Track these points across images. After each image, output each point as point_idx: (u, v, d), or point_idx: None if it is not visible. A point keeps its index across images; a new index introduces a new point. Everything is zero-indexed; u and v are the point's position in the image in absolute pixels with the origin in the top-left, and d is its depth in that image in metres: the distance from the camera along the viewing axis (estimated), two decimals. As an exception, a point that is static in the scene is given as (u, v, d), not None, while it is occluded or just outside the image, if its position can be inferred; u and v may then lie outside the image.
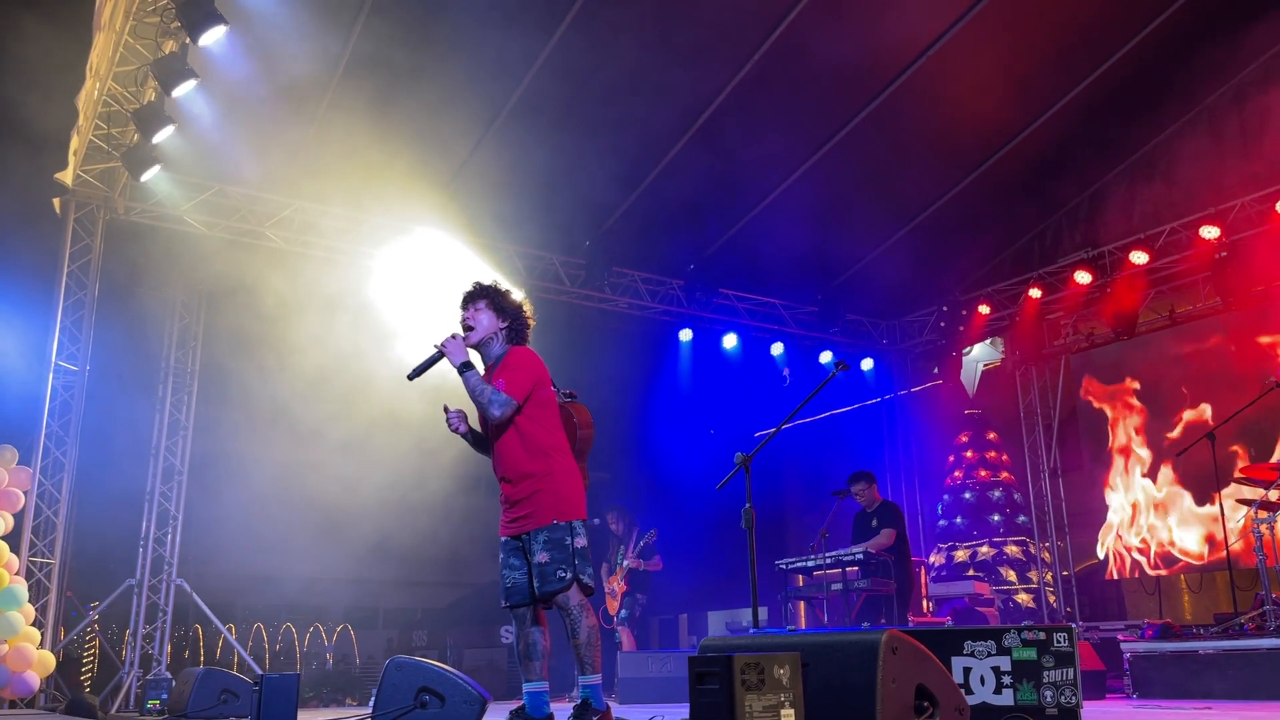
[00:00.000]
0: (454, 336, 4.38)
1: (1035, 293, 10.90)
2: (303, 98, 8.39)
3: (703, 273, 11.00)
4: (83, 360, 8.43)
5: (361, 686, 9.67)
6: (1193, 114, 9.99)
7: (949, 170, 10.41)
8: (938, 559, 11.58)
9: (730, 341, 11.73)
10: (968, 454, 11.91)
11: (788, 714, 2.90)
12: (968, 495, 11.65)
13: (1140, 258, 10.02)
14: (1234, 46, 9.07)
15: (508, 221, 9.78)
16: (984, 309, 11.39)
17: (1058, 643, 3.79)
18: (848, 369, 5.05)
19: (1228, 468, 8.57)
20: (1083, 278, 10.44)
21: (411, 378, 4.45)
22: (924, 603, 10.04)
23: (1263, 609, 6.80)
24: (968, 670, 3.89)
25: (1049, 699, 3.75)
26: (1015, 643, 3.84)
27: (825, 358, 12.21)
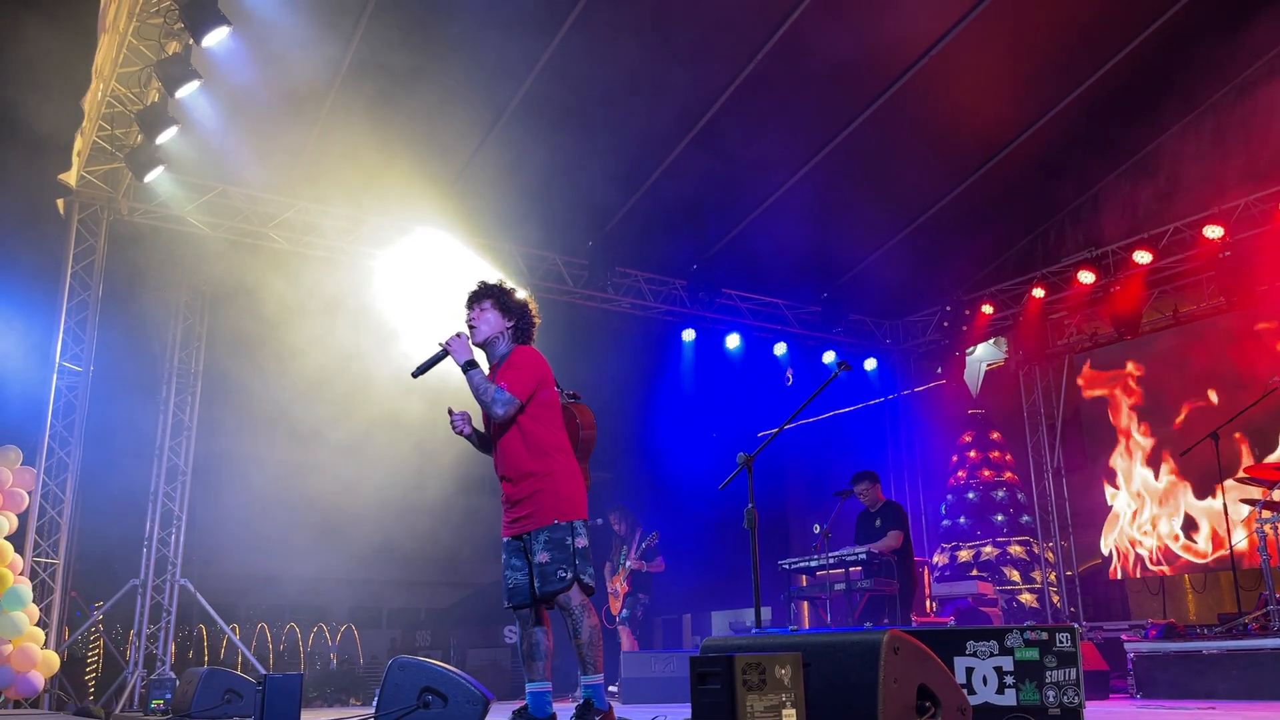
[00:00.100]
0: (459, 335, 4.39)
1: (1038, 292, 10.89)
2: (305, 99, 8.41)
3: (706, 273, 10.99)
4: (87, 361, 8.45)
5: (365, 686, 9.68)
6: (1195, 113, 9.97)
7: (951, 170, 10.41)
8: (941, 559, 11.56)
9: (733, 341, 11.73)
10: (971, 454, 11.89)
11: (789, 714, 2.90)
12: (971, 495, 11.64)
13: (1144, 257, 10.01)
14: (1236, 45, 9.05)
15: (510, 222, 9.79)
16: (987, 309, 11.39)
17: (1060, 643, 3.78)
18: (850, 369, 5.04)
19: (1230, 465, 8.57)
20: (1086, 277, 10.44)
21: (415, 375, 4.46)
22: (927, 603, 10.03)
23: (1267, 609, 6.79)
24: (970, 670, 3.89)
25: (1051, 699, 3.75)
26: (1018, 643, 3.84)
27: (828, 358, 12.21)
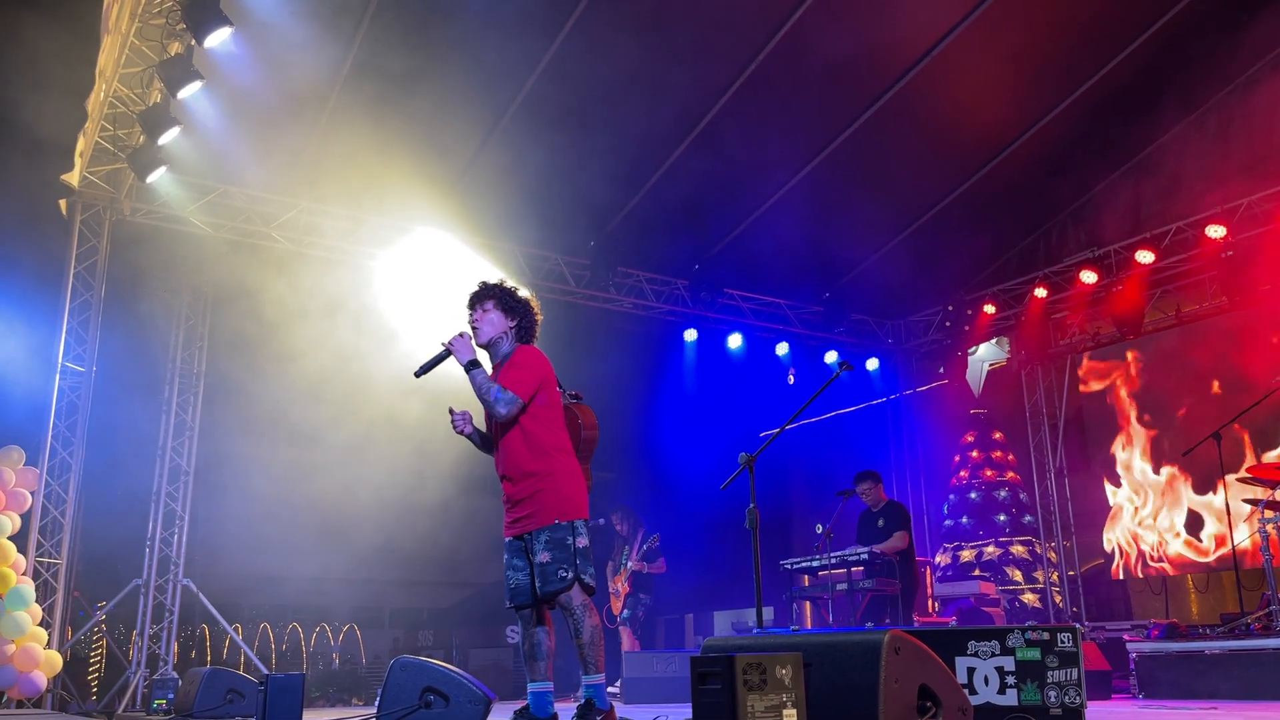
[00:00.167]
0: (461, 335, 4.39)
1: (1040, 292, 10.88)
2: (307, 100, 8.41)
3: (707, 273, 10.99)
4: (89, 361, 8.45)
5: (367, 686, 9.68)
6: (1197, 113, 9.94)
7: (953, 170, 10.40)
8: (943, 559, 11.56)
9: (735, 341, 11.73)
10: (973, 454, 11.89)
11: (790, 714, 2.90)
12: (973, 495, 11.63)
13: (1146, 257, 10.01)
14: (1236, 45, 9.04)
15: (512, 222, 9.80)
16: (989, 308, 11.38)
17: (1061, 643, 3.78)
18: (852, 369, 5.03)
19: (1232, 460, 8.58)
20: (1088, 277, 10.43)
21: (418, 374, 4.47)
22: (929, 602, 10.02)
23: (1269, 609, 6.78)
24: (971, 670, 3.89)
25: (1053, 699, 3.75)
26: (1019, 643, 3.84)
27: (830, 358, 12.20)
